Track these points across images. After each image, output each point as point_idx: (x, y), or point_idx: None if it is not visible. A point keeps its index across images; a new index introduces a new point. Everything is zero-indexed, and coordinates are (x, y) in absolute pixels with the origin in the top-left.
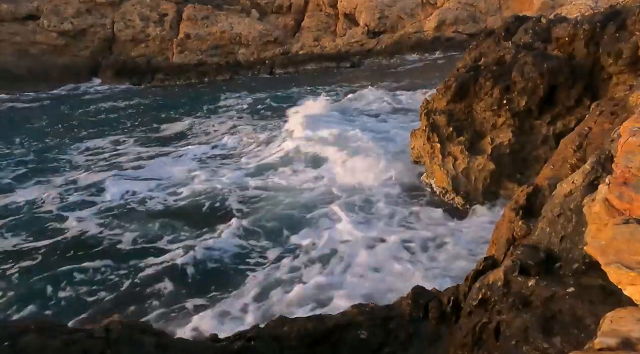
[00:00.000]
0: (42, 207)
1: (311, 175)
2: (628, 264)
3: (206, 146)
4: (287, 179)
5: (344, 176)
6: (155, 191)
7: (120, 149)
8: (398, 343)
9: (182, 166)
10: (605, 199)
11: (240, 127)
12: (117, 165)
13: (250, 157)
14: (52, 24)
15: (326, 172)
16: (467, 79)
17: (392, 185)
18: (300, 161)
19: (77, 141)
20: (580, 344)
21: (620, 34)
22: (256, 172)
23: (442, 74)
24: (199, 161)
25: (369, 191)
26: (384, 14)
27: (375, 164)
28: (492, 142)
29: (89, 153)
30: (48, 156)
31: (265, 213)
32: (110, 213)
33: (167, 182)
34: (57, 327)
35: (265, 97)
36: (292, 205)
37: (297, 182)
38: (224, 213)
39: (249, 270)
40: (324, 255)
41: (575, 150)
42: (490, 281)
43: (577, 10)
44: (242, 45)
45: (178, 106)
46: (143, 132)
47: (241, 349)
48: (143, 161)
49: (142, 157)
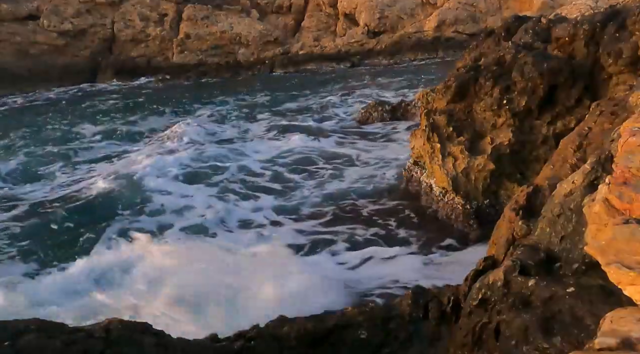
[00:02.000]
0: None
1: None
2: (628, 264)
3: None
4: None
5: None
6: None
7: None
8: (398, 343)
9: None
10: (605, 199)
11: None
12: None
13: None
14: (52, 24)
15: None
16: (467, 79)
17: None
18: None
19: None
20: (580, 344)
21: (620, 34)
22: None
23: (443, 74)
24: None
25: None
26: (384, 14)
27: None
28: (492, 142)
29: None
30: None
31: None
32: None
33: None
34: (57, 327)
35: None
36: None
37: None
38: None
39: None
40: None
41: (575, 150)
42: (490, 281)
43: (577, 10)
44: (242, 45)
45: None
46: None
47: (241, 349)
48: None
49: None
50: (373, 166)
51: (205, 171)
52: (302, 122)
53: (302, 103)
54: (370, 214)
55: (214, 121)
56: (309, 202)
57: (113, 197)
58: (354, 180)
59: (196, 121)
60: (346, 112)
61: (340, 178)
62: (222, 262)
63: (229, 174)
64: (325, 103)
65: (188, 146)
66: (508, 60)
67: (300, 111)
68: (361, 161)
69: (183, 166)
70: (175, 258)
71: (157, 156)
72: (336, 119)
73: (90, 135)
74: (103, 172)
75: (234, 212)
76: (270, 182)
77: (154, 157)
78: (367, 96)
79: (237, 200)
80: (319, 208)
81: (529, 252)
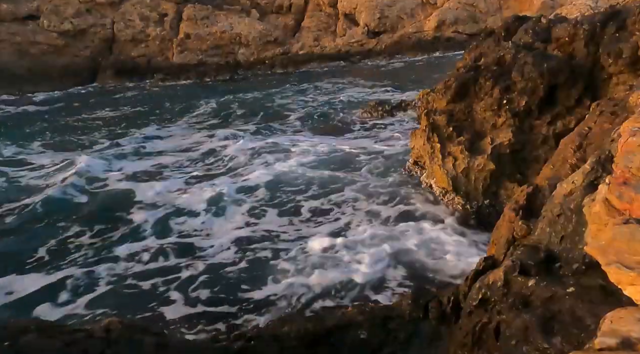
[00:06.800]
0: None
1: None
2: (628, 264)
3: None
4: None
5: None
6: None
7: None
8: (398, 343)
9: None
10: (605, 199)
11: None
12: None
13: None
14: (52, 24)
15: None
16: (467, 79)
17: None
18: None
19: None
20: (580, 344)
21: (620, 34)
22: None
23: (442, 73)
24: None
25: None
26: (384, 14)
27: None
28: (492, 142)
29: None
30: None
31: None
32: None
33: None
34: (57, 327)
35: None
36: None
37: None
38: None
39: None
40: None
41: (575, 150)
42: (490, 281)
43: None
44: (242, 45)
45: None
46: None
47: (241, 349)
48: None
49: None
50: (373, 166)
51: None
52: (301, 122)
53: (303, 103)
54: (370, 214)
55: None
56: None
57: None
58: (354, 180)
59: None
60: (346, 112)
61: (340, 178)
62: None
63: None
64: (326, 103)
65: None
66: (508, 60)
67: (300, 111)
68: (361, 161)
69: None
70: None
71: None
72: (336, 119)
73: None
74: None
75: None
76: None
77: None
78: (368, 96)
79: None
80: (318, 208)
81: (529, 252)
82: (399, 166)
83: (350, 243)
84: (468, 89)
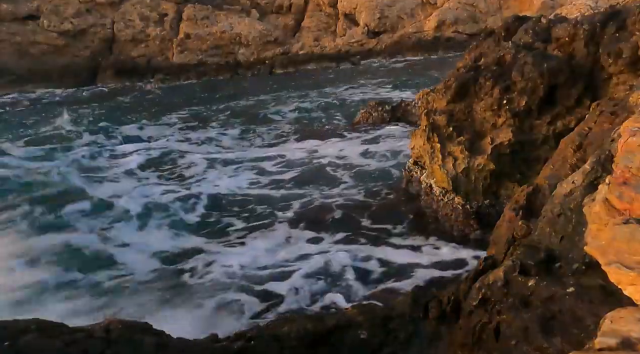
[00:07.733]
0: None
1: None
2: (628, 264)
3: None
4: None
5: None
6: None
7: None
8: (398, 343)
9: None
10: (605, 199)
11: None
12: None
13: None
14: (52, 24)
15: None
16: (467, 79)
17: None
18: None
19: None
20: (580, 344)
21: (620, 34)
22: None
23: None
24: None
25: None
26: (384, 14)
27: None
28: (492, 142)
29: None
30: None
31: None
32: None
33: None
34: (57, 327)
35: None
36: None
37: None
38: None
39: None
40: None
41: (575, 150)
42: (490, 281)
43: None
44: (242, 45)
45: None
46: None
47: (241, 349)
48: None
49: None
50: (373, 165)
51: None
52: (303, 122)
53: (302, 103)
54: (369, 214)
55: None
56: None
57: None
58: (354, 180)
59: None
60: (346, 112)
61: (340, 178)
62: None
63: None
64: (326, 103)
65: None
66: (508, 60)
67: (300, 111)
68: (361, 161)
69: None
70: None
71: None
72: (336, 119)
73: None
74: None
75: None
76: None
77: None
78: (367, 96)
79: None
80: (317, 208)
81: (529, 252)
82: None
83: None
84: (468, 89)
